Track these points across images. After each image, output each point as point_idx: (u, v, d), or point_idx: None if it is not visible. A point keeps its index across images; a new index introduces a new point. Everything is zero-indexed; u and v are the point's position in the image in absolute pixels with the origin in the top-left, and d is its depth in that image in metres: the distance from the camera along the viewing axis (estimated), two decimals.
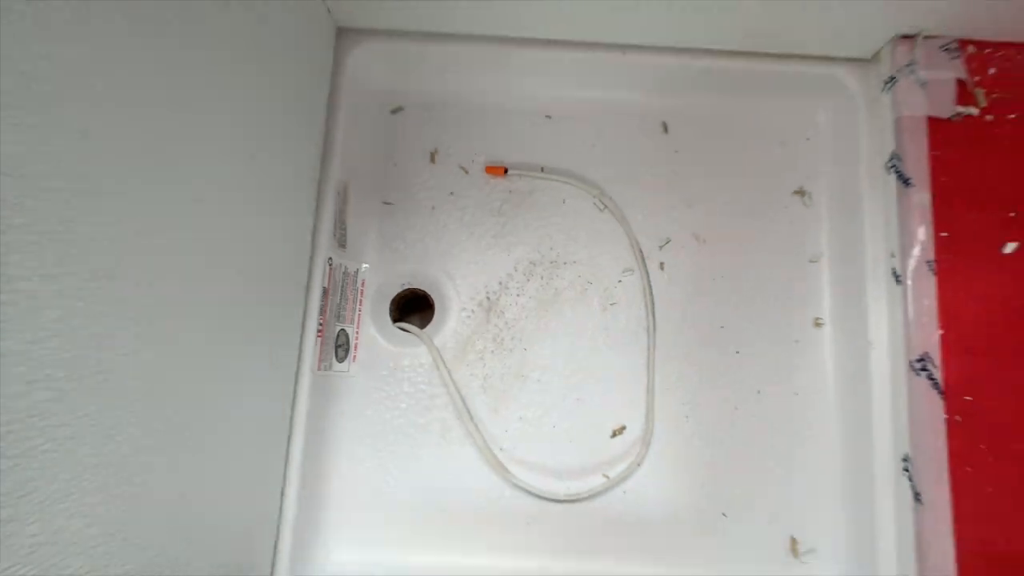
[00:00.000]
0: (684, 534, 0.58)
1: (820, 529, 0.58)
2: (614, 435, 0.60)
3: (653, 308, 0.61)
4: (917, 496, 0.51)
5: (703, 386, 0.61)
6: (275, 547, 0.52)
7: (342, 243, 0.59)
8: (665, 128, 0.65)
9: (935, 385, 0.52)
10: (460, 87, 0.64)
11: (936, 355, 0.53)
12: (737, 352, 0.61)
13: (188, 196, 0.35)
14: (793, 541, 0.59)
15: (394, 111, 0.65)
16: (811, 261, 0.63)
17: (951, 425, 0.52)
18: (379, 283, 0.62)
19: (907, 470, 0.52)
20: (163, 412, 0.34)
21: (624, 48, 0.61)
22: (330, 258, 0.57)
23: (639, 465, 0.58)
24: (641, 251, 0.62)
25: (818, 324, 0.62)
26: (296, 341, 0.54)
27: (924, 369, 0.53)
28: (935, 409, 0.52)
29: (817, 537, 0.58)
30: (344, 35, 0.60)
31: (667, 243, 0.63)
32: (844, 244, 0.61)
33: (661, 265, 0.62)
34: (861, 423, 0.56)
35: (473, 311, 0.62)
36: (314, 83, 0.56)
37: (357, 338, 0.60)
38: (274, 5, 0.44)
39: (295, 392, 0.54)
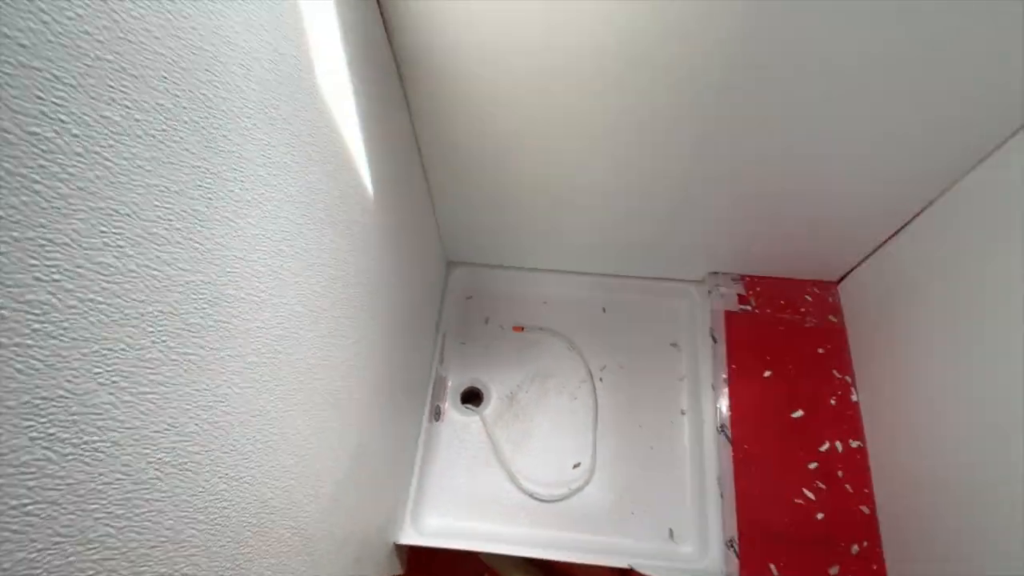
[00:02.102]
0: (611, 522, 1.09)
1: (683, 523, 1.09)
2: (575, 467, 1.14)
3: (596, 401, 1.19)
4: (721, 495, 1.03)
5: (622, 443, 1.16)
6: (405, 512, 1.05)
7: (441, 362, 1.20)
8: (604, 310, 1.28)
9: (728, 440, 1.07)
10: (501, 287, 1.30)
11: (728, 425, 1.08)
12: (640, 426, 1.17)
13: (408, 344, 0.97)
14: (671, 531, 1.09)
15: (467, 298, 1.30)
16: (679, 379, 1.21)
17: (736, 460, 1.05)
18: (456, 383, 1.22)
19: (718, 483, 1.05)
20: (377, 441, 0.93)
21: (582, 273, 1.26)
22: (436, 370, 1.18)
23: (587, 484, 1.12)
24: (591, 372, 1.21)
25: (683, 413, 1.18)
26: (422, 409, 1.13)
27: (723, 431, 1.08)
28: (728, 452, 1.06)
29: (682, 528, 1.09)
30: (450, 264, 1.28)
31: (604, 368, 1.22)
32: (692, 371, 1.19)
33: (601, 379, 1.21)
34: (698, 461, 1.10)
35: (503, 399, 1.20)
36: (437, 286, 1.22)
37: (445, 410, 1.19)
38: (428, 255, 1.11)
39: (420, 433, 1.11)
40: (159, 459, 0.34)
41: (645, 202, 1.01)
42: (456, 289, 1.29)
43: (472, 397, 1.23)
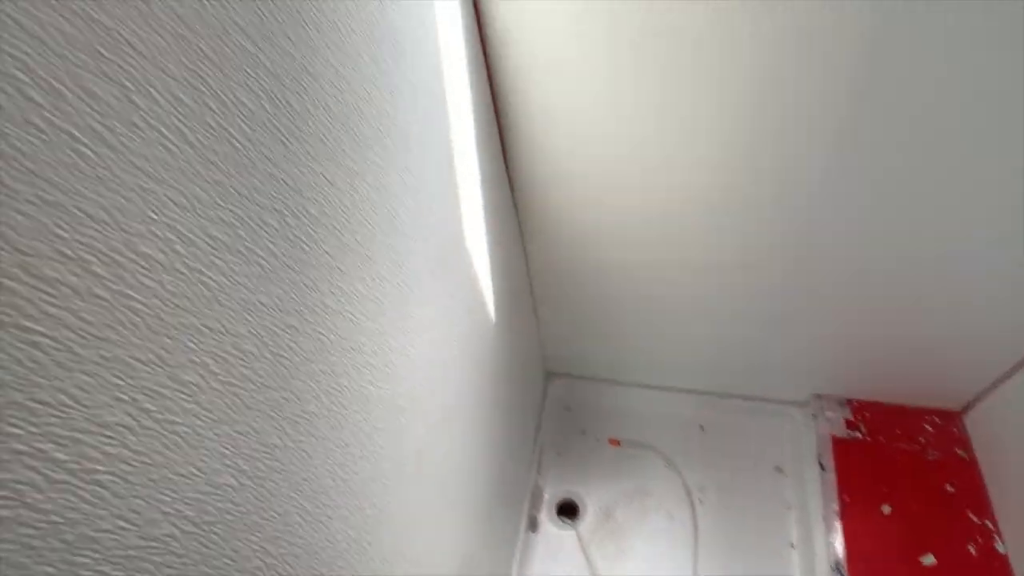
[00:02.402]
0: None
1: None
2: None
3: (696, 524, 1.16)
4: None
5: (725, 574, 1.10)
6: None
7: (538, 471, 1.25)
8: (702, 428, 1.28)
9: None
10: (599, 400, 1.35)
11: (844, 564, 1.01)
12: (744, 555, 1.11)
13: (508, 452, 1.04)
14: None
15: (566, 409, 1.35)
16: (787, 509, 1.16)
17: None
18: (552, 494, 1.24)
19: None
20: (478, 545, 0.97)
21: (680, 390, 1.29)
22: (534, 479, 1.22)
23: None
24: (689, 492, 1.20)
25: (792, 546, 1.11)
26: (519, 518, 1.16)
27: (838, 571, 1.01)
28: None
29: None
30: (549, 375, 1.36)
31: (703, 489, 1.20)
32: (800, 500, 1.14)
33: (700, 500, 1.19)
34: None
35: (599, 515, 1.20)
36: (536, 396, 1.29)
37: (540, 521, 1.21)
38: (530, 367, 1.19)
39: (516, 542, 1.14)
40: (302, 507, 0.41)
41: (747, 320, 1.04)
42: (555, 400, 1.35)
43: (567, 509, 1.25)
